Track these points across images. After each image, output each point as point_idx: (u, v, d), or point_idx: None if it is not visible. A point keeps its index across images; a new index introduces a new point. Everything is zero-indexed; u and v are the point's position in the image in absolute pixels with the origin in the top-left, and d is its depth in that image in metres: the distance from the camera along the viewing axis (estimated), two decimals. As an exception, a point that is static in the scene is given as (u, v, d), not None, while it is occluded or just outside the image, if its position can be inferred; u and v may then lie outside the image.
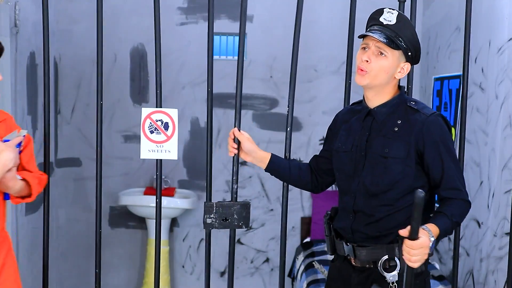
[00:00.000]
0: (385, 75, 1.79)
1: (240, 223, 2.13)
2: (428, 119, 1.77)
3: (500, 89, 2.75)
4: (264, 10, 3.91)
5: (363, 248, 1.81)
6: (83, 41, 3.77)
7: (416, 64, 1.90)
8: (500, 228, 2.76)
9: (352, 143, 1.86)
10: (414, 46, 1.80)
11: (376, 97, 1.85)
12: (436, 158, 1.76)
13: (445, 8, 3.57)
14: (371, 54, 1.79)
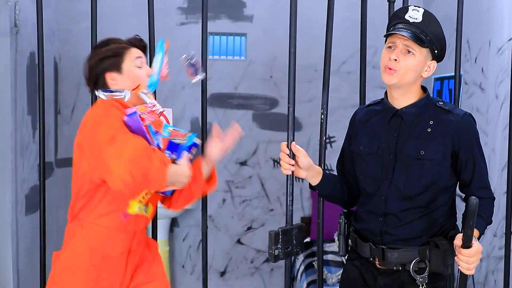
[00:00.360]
0: (413, 73, 1.77)
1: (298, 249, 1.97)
2: (462, 120, 1.76)
3: (500, 89, 2.75)
4: (264, 10, 3.91)
5: (395, 250, 1.77)
6: (83, 41, 3.76)
7: (440, 61, 1.87)
8: (500, 228, 2.75)
9: (377, 145, 1.81)
10: (440, 43, 1.78)
11: (404, 97, 1.81)
12: (470, 158, 1.76)
13: (445, 8, 3.57)
14: (399, 53, 1.75)
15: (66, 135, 3.88)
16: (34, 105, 3.28)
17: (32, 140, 3.26)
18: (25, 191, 3.13)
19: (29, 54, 3.18)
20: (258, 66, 3.93)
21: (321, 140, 2.13)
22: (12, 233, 2.85)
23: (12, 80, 2.86)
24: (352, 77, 4.03)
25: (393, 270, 1.79)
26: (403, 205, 1.77)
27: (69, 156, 3.86)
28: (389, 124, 1.81)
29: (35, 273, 3.25)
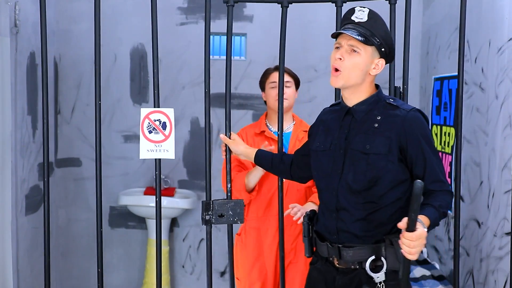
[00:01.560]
0: (359, 71, 1.80)
1: (235, 219, 2.20)
2: (408, 115, 1.78)
3: (500, 89, 2.75)
4: (264, 10, 3.91)
5: (350, 248, 1.79)
6: (83, 41, 3.77)
7: (390, 61, 1.90)
8: (500, 228, 2.76)
9: (330, 142, 1.87)
10: (387, 42, 1.81)
11: (353, 95, 1.85)
12: (419, 153, 1.77)
13: (445, 8, 3.57)
14: (344, 52, 1.79)
15: (66, 135, 3.88)
16: (34, 105, 3.28)
17: (32, 140, 3.26)
18: (25, 191, 3.13)
19: (29, 54, 3.18)
20: (258, 66, 3.92)
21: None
22: (12, 233, 2.85)
23: (12, 80, 2.86)
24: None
25: (351, 269, 1.81)
26: (353, 200, 1.80)
27: (69, 156, 3.89)
28: (343, 122, 1.87)
29: (35, 273, 3.24)
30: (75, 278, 3.93)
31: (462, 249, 3.07)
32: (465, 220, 3.05)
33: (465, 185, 3.07)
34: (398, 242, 1.69)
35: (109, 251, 3.86)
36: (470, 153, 3.03)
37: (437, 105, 3.59)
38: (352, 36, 1.75)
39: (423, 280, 3.21)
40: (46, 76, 2.25)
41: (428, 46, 3.86)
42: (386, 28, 1.82)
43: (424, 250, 3.76)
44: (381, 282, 1.76)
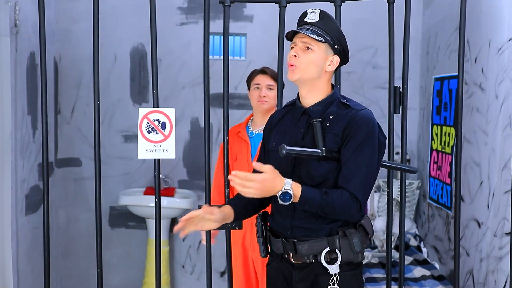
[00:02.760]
0: (315, 68, 1.83)
1: (233, 225, 2.15)
2: (357, 114, 1.81)
3: (500, 89, 2.75)
4: (264, 10, 3.91)
5: (304, 242, 1.81)
6: (83, 41, 3.77)
7: (346, 62, 1.93)
8: (500, 228, 2.75)
9: (287, 142, 1.88)
10: (339, 39, 1.85)
11: (310, 95, 1.87)
12: (350, 149, 1.77)
13: (445, 8, 3.57)
14: (298, 49, 1.83)
15: (66, 135, 3.88)
16: (34, 105, 3.28)
17: (32, 140, 3.26)
18: (25, 191, 3.13)
19: (29, 54, 3.18)
20: (258, 66, 3.91)
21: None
22: (12, 233, 2.85)
23: (12, 80, 2.86)
24: (352, 77, 4.03)
25: (306, 263, 1.83)
26: None
27: (69, 156, 3.89)
28: (298, 122, 1.88)
29: (35, 273, 3.24)
30: (75, 278, 3.93)
31: (462, 249, 3.07)
32: (465, 220, 3.04)
33: (465, 185, 3.07)
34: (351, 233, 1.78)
35: (109, 251, 3.86)
36: (470, 153, 3.03)
37: (437, 105, 3.59)
38: (305, 33, 1.80)
39: (423, 280, 3.21)
40: (45, 76, 2.25)
41: (428, 46, 3.86)
42: (338, 27, 1.87)
43: (424, 250, 3.76)
44: (335, 274, 1.79)
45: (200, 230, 1.89)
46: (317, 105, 1.86)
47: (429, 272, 3.31)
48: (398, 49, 2.20)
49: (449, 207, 3.35)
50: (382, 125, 4.53)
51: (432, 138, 3.68)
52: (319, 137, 1.76)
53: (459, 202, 2.17)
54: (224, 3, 2.21)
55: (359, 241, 1.80)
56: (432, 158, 3.67)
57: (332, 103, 1.86)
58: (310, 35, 1.80)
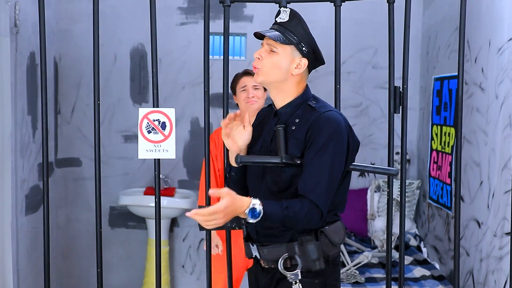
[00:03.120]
0: (278, 70, 1.78)
1: (233, 225, 2.15)
2: (320, 116, 1.73)
3: (500, 89, 2.75)
4: (264, 10, 3.91)
5: (265, 247, 1.80)
6: (83, 41, 3.77)
7: (319, 63, 1.87)
8: (500, 228, 2.76)
9: (261, 144, 1.86)
10: (305, 40, 1.80)
11: (278, 97, 1.83)
12: (310, 154, 1.71)
13: (445, 8, 3.57)
14: (263, 51, 1.79)
15: (66, 135, 3.88)
16: (34, 105, 3.28)
17: (32, 140, 3.26)
18: (25, 191, 3.13)
19: (29, 54, 3.18)
20: (258, 66, 3.93)
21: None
22: (12, 233, 2.84)
23: (12, 80, 2.85)
24: (352, 77, 4.03)
25: (271, 268, 1.81)
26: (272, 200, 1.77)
27: (69, 156, 3.89)
28: (270, 124, 1.86)
29: (35, 273, 3.24)
30: (75, 278, 3.93)
31: (462, 249, 3.07)
32: (465, 220, 3.04)
33: (465, 185, 3.07)
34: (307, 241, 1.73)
35: (109, 251, 3.86)
36: (470, 153, 3.03)
37: (437, 105, 3.59)
38: (269, 36, 1.77)
39: (423, 280, 3.21)
40: (45, 76, 2.25)
41: (428, 46, 3.86)
42: (306, 27, 1.82)
43: (424, 250, 3.76)
44: (297, 282, 1.75)
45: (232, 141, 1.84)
46: (285, 107, 1.81)
47: (429, 272, 3.31)
48: (398, 49, 2.20)
49: (449, 207, 3.35)
50: (382, 125, 4.55)
51: (432, 138, 3.68)
52: (280, 144, 1.72)
53: (459, 202, 2.17)
54: (224, 3, 2.21)
55: (315, 249, 1.74)
56: (432, 158, 3.67)
57: (301, 105, 1.80)
58: (273, 38, 1.75)
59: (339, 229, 1.79)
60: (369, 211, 3.91)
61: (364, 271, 3.33)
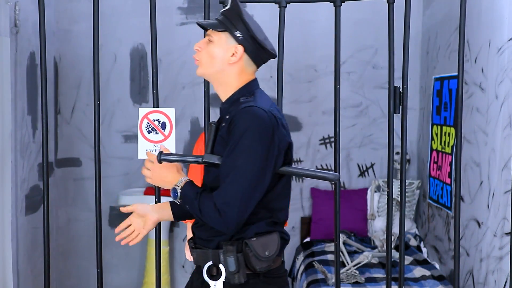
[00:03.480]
0: (213, 60, 1.68)
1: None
2: (239, 111, 1.59)
3: (500, 89, 2.75)
4: (264, 10, 3.91)
5: (194, 250, 1.72)
6: (83, 41, 3.77)
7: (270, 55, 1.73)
8: (500, 228, 2.76)
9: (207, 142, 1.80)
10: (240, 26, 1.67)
11: (220, 90, 1.73)
12: (226, 152, 1.59)
13: (445, 8, 3.57)
14: (202, 43, 1.72)
15: (66, 135, 3.88)
16: (34, 105, 3.28)
17: (32, 140, 3.26)
18: (25, 191, 3.13)
19: (29, 54, 3.18)
20: (258, 66, 3.93)
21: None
22: (12, 233, 2.85)
23: (12, 80, 2.85)
24: (352, 77, 4.03)
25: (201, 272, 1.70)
26: None
27: (69, 156, 3.89)
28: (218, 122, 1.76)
29: (35, 273, 3.24)
30: (75, 278, 3.93)
31: (462, 249, 3.07)
32: (465, 220, 3.04)
33: (465, 185, 3.07)
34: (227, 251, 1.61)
35: (109, 251, 3.86)
36: (470, 153, 3.03)
37: (437, 105, 3.59)
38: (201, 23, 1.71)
39: (423, 280, 3.20)
40: (45, 76, 2.25)
41: (428, 46, 3.86)
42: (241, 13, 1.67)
43: (424, 250, 3.76)
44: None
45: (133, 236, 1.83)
46: (225, 103, 1.71)
47: (429, 272, 3.31)
48: (398, 49, 2.20)
49: (449, 207, 3.35)
50: (382, 125, 4.55)
51: (432, 138, 3.68)
52: (209, 142, 1.66)
53: (459, 202, 2.17)
54: (224, 3, 2.21)
55: (234, 261, 1.61)
56: (432, 158, 3.67)
57: (236, 101, 1.68)
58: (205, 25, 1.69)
59: (272, 242, 1.64)
60: (369, 211, 3.91)
61: (364, 271, 3.33)
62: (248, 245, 1.61)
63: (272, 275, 1.68)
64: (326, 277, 3.18)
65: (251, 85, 1.71)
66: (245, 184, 1.55)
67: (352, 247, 3.68)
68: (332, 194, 3.90)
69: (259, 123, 1.57)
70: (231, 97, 1.70)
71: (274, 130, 1.59)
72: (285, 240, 1.72)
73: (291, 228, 4.03)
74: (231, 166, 1.56)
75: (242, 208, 1.56)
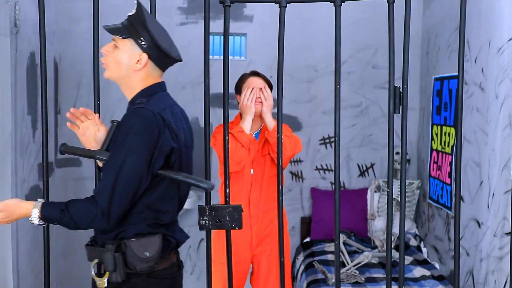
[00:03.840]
0: (119, 66, 1.75)
1: (233, 225, 2.15)
2: (129, 112, 1.70)
3: (500, 89, 2.75)
4: (264, 10, 3.91)
5: (86, 247, 1.80)
6: (83, 41, 3.77)
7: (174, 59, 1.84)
8: (500, 228, 2.76)
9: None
10: (146, 35, 1.72)
11: (126, 93, 1.81)
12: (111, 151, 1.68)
13: (445, 8, 3.57)
14: (109, 47, 1.78)
15: (66, 135, 3.88)
16: (34, 105, 3.28)
17: (32, 140, 3.26)
18: (25, 191, 3.13)
19: (29, 54, 3.17)
20: (258, 66, 3.92)
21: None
22: (12, 233, 2.84)
23: (12, 80, 2.85)
24: (352, 77, 4.03)
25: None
26: None
27: (69, 156, 3.87)
28: None
29: (35, 273, 3.24)
30: (75, 278, 3.93)
31: (462, 249, 3.07)
32: (465, 220, 3.04)
33: (465, 185, 3.07)
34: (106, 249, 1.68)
35: (109, 251, 3.86)
36: (470, 153, 3.03)
37: (437, 105, 3.59)
38: (107, 29, 1.76)
39: (423, 280, 3.21)
40: (45, 76, 2.25)
41: (428, 46, 3.86)
42: (145, 21, 1.72)
43: (424, 250, 3.76)
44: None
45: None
46: (129, 103, 1.79)
47: (429, 272, 3.31)
48: (398, 49, 2.20)
49: (449, 207, 3.35)
50: (382, 125, 4.55)
51: (432, 138, 3.68)
52: (106, 139, 1.72)
53: (459, 202, 2.17)
54: (224, 3, 2.21)
55: (111, 260, 1.67)
56: (432, 158, 3.67)
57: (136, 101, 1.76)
58: (112, 32, 1.74)
59: (153, 243, 1.69)
60: (369, 211, 3.91)
61: (364, 271, 3.33)
62: (126, 245, 1.67)
63: (157, 276, 1.73)
64: (326, 277, 3.18)
65: (153, 88, 1.78)
66: (124, 181, 1.61)
67: (352, 247, 3.68)
68: (332, 194, 3.90)
69: (143, 124, 1.62)
70: (132, 99, 1.77)
71: (160, 132, 1.65)
72: (169, 242, 1.76)
73: (291, 228, 4.04)
74: (113, 163, 1.63)
75: (121, 203, 1.62)
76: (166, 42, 1.77)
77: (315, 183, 4.05)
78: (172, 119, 1.73)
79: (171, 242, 1.78)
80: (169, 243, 1.76)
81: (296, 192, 4.04)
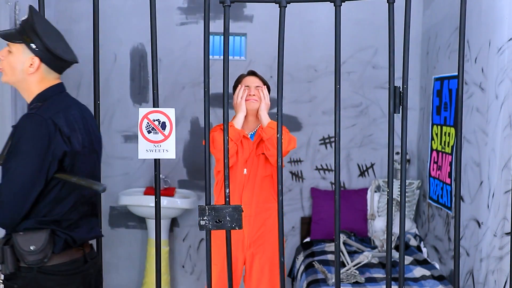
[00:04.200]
0: (13, 70, 1.79)
1: (233, 225, 2.15)
2: (21, 118, 1.74)
3: (500, 89, 2.75)
4: (264, 10, 3.91)
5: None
6: (83, 41, 3.77)
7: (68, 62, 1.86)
8: (500, 228, 2.76)
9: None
10: (37, 39, 1.75)
11: (25, 96, 1.84)
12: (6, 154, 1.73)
13: (445, 8, 3.57)
14: (4, 52, 1.80)
15: (66, 135, 3.88)
16: (34, 105, 3.28)
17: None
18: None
19: (29, 54, 3.17)
20: (258, 66, 3.93)
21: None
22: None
23: (12, 80, 2.85)
24: (352, 77, 4.03)
25: None
26: None
27: None
28: None
29: (35, 273, 3.24)
30: None
31: (462, 249, 3.07)
32: (465, 220, 3.05)
33: (465, 185, 3.07)
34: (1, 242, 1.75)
35: (109, 251, 3.86)
36: (470, 153, 3.03)
37: (437, 105, 3.59)
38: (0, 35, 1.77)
39: (423, 280, 3.21)
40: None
41: (428, 46, 3.86)
42: (35, 26, 1.74)
43: (424, 250, 3.76)
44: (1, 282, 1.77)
45: None
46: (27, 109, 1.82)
47: (429, 272, 3.31)
48: (398, 49, 2.20)
49: (449, 207, 3.35)
50: (382, 125, 4.55)
51: (432, 138, 3.68)
52: (6, 144, 1.75)
53: (459, 202, 2.17)
54: (224, 3, 2.20)
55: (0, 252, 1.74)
56: (432, 158, 3.67)
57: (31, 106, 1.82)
58: (3, 37, 1.76)
59: (38, 237, 1.75)
60: (369, 211, 3.91)
61: (364, 271, 3.33)
62: (13, 239, 1.74)
63: (48, 271, 1.78)
64: (326, 277, 3.18)
65: (49, 91, 1.83)
66: (18, 185, 1.69)
67: (352, 247, 3.68)
68: (332, 194, 3.90)
69: (34, 130, 1.69)
70: (30, 104, 1.82)
71: (50, 138, 1.71)
72: (60, 237, 1.80)
73: (291, 228, 4.04)
74: (6, 168, 1.70)
75: (15, 207, 1.70)
76: (59, 45, 1.80)
77: (315, 183, 4.05)
78: (64, 123, 1.77)
79: (63, 238, 1.82)
80: (59, 238, 1.81)
81: (296, 192, 4.04)
